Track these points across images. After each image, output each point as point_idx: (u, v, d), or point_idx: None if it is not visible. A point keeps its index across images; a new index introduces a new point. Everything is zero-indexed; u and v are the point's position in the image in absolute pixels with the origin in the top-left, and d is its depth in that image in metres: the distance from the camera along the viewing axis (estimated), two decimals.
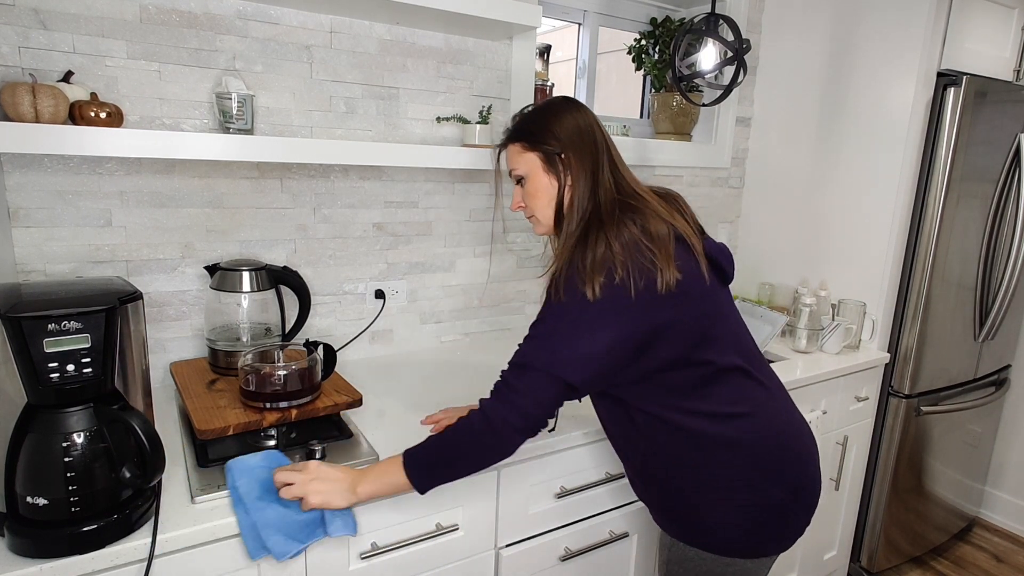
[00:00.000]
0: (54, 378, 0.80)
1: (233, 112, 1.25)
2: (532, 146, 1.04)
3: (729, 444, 0.98)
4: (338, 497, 0.94)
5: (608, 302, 0.90)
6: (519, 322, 1.87)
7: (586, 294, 0.90)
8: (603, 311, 0.91)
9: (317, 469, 0.96)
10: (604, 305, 0.90)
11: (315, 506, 0.93)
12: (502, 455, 0.97)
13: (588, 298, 0.90)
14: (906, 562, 2.24)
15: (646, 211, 0.98)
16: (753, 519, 1.00)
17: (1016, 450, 2.46)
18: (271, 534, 0.90)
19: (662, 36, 2.04)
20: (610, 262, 0.91)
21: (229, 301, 1.34)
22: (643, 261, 0.92)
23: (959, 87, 1.76)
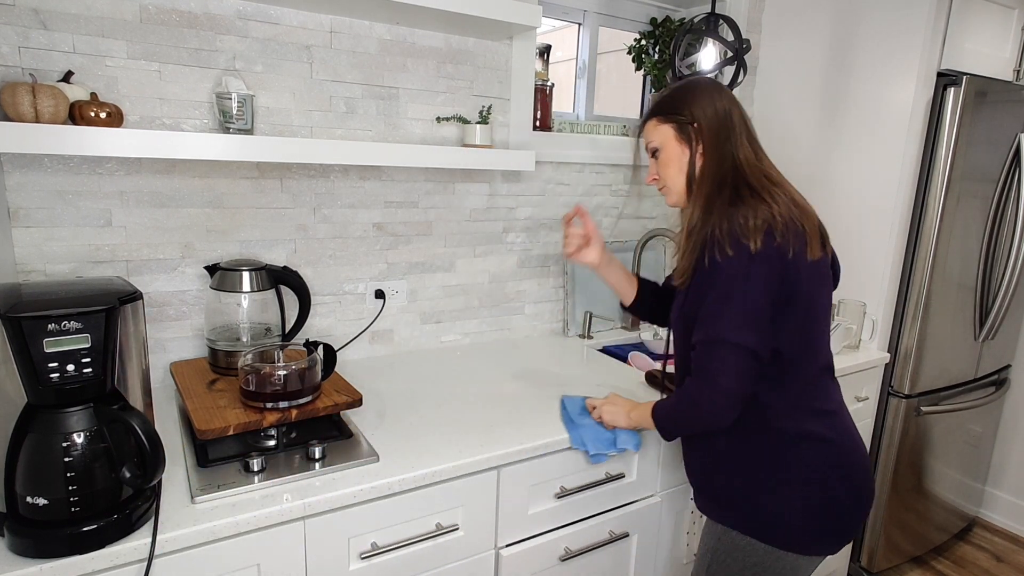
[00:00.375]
0: (54, 378, 0.80)
1: (233, 112, 1.25)
2: (665, 118, 1.09)
3: (820, 440, 1.03)
4: (619, 417, 1.21)
5: (768, 259, 0.95)
6: (519, 322, 1.88)
7: (750, 247, 0.95)
8: (769, 267, 0.96)
9: (613, 398, 1.25)
10: (766, 261, 0.95)
11: (606, 423, 1.22)
12: (719, 427, 1.03)
13: (751, 252, 0.95)
14: (906, 562, 2.24)
15: (790, 190, 1.05)
16: (817, 517, 1.04)
17: (1016, 450, 2.45)
18: (588, 442, 1.22)
19: (662, 36, 2.04)
20: (770, 222, 0.96)
21: (229, 301, 1.34)
22: (797, 228, 0.98)
23: (959, 87, 1.76)
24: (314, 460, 1.06)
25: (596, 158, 1.90)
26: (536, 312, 1.90)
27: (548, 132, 1.83)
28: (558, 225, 1.89)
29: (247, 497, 0.96)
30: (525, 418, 1.28)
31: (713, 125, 1.05)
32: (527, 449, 1.17)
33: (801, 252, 0.98)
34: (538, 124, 1.81)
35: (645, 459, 1.39)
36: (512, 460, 1.17)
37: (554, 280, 1.92)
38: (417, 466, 1.07)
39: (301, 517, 0.98)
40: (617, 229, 2.03)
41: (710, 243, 0.98)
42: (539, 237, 1.86)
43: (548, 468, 1.24)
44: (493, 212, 1.76)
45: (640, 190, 2.04)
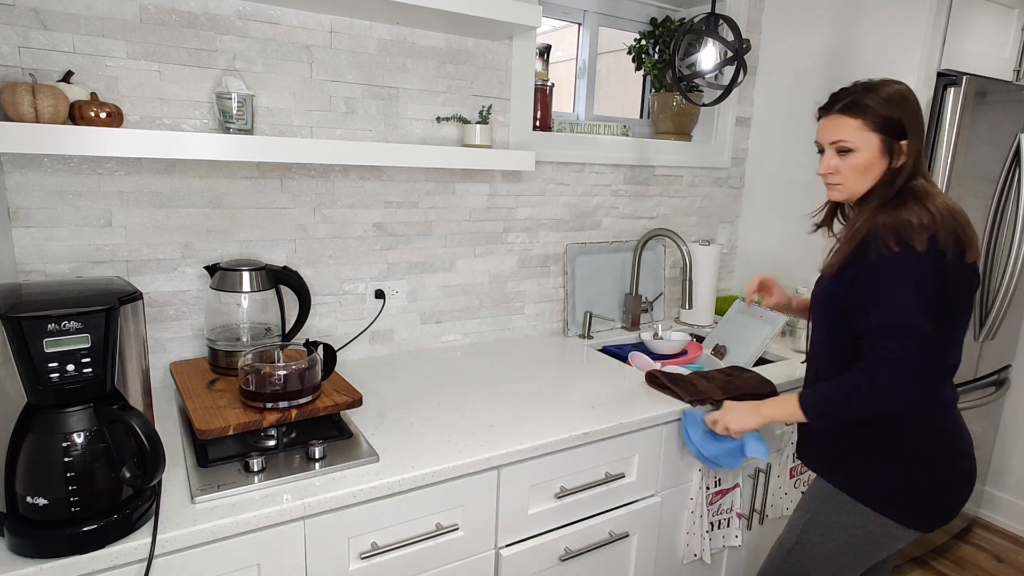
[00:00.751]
0: (54, 378, 0.80)
1: (233, 112, 1.25)
2: (875, 127, 1.11)
3: (936, 429, 1.12)
4: (749, 418, 1.23)
5: (932, 258, 1.02)
6: (519, 322, 1.88)
7: (915, 247, 1.02)
8: (932, 265, 1.03)
9: (729, 405, 1.28)
10: (930, 259, 1.02)
11: (735, 430, 1.24)
12: (899, 408, 1.07)
13: (919, 250, 1.02)
14: (907, 562, 2.24)
15: (944, 198, 1.10)
16: (921, 495, 1.13)
17: (1016, 450, 2.45)
18: (719, 461, 1.30)
19: (662, 36, 2.04)
20: (933, 225, 1.03)
21: (229, 301, 1.34)
22: (956, 230, 1.05)
23: (959, 87, 1.76)
24: (314, 460, 1.06)
25: (596, 158, 1.90)
26: (536, 312, 1.90)
27: (548, 132, 1.83)
28: (558, 225, 1.89)
29: (247, 497, 0.96)
30: (525, 418, 1.28)
31: (913, 144, 1.11)
32: (527, 449, 1.17)
33: (957, 255, 1.05)
34: (538, 124, 1.81)
35: (645, 459, 1.39)
36: (512, 460, 1.17)
37: (554, 280, 1.92)
38: (417, 466, 1.07)
39: (301, 517, 0.98)
40: (617, 229, 2.03)
41: (875, 240, 1.06)
42: (539, 237, 1.86)
43: (548, 468, 1.24)
44: (493, 212, 1.76)
45: (640, 190, 2.04)
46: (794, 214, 2.13)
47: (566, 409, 1.34)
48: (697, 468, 1.47)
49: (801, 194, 2.10)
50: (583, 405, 1.36)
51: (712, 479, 1.49)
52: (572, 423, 1.27)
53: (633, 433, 1.34)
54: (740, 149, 2.24)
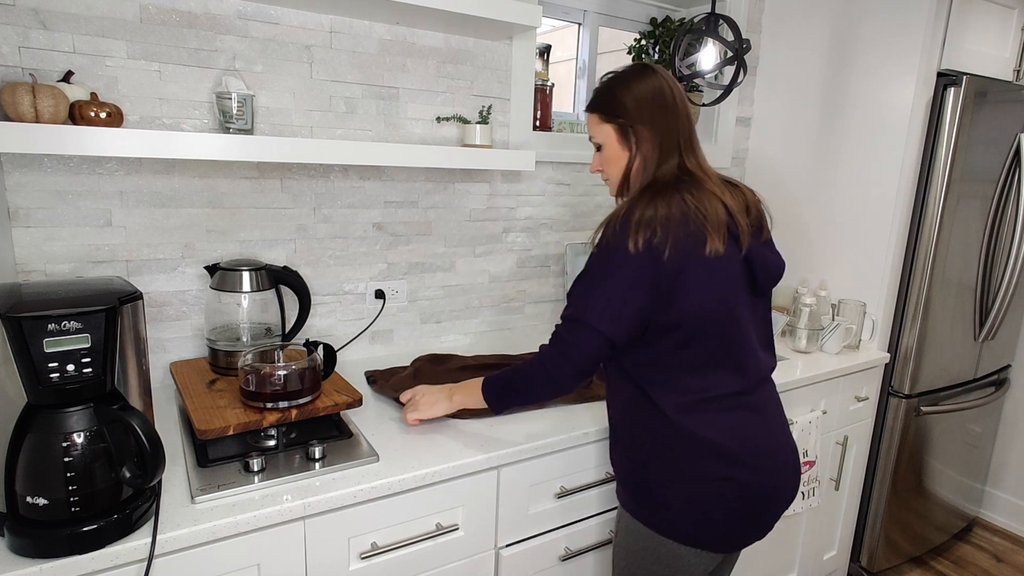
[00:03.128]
0: (54, 378, 0.80)
1: (233, 112, 1.25)
2: (608, 118, 1.09)
3: (711, 444, 1.02)
4: (440, 404, 1.19)
5: (645, 259, 0.97)
6: (519, 322, 1.88)
7: (628, 247, 0.97)
8: (640, 267, 0.97)
9: (423, 389, 1.22)
10: (642, 261, 0.97)
11: (424, 417, 1.19)
12: (561, 395, 1.08)
13: (630, 251, 0.97)
14: (906, 562, 2.24)
15: (704, 189, 1.03)
16: (700, 514, 1.03)
17: (1016, 450, 2.46)
18: None
19: (662, 36, 2.04)
20: (655, 223, 0.97)
21: (229, 301, 1.34)
22: (690, 228, 0.98)
23: (959, 87, 1.76)
24: (314, 460, 1.06)
25: None
26: (536, 312, 1.90)
27: (548, 132, 1.83)
28: (558, 225, 1.89)
29: (247, 497, 0.96)
30: (525, 418, 1.28)
31: (651, 126, 1.05)
32: (527, 449, 1.17)
33: (688, 250, 0.97)
34: (538, 124, 1.81)
35: None
36: (512, 460, 1.17)
37: (554, 280, 1.92)
38: (417, 466, 1.07)
39: (301, 517, 0.98)
40: None
41: (602, 230, 1.02)
42: (539, 237, 1.86)
43: (548, 468, 1.24)
44: (493, 212, 1.76)
45: None
46: (794, 214, 2.13)
47: (566, 409, 1.34)
48: None
49: (801, 194, 2.10)
50: (583, 405, 1.36)
51: None
52: (572, 423, 1.27)
53: None
54: (740, 149, 2.24)
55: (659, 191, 1.02)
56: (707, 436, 1.02)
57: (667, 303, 0.98)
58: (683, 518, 1.04)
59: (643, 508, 1.08)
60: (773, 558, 1.78)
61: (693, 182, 1.04)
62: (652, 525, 1.07)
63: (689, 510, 1.04)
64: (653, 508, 1.06)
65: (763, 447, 1.05)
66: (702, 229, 0.99)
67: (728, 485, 1.02)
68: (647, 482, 1.07)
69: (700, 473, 1.02)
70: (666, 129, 1.05)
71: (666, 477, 1.05)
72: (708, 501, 1.03)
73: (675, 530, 1.05)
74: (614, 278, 0.98)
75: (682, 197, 1.00)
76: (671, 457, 1.04)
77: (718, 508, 1.03)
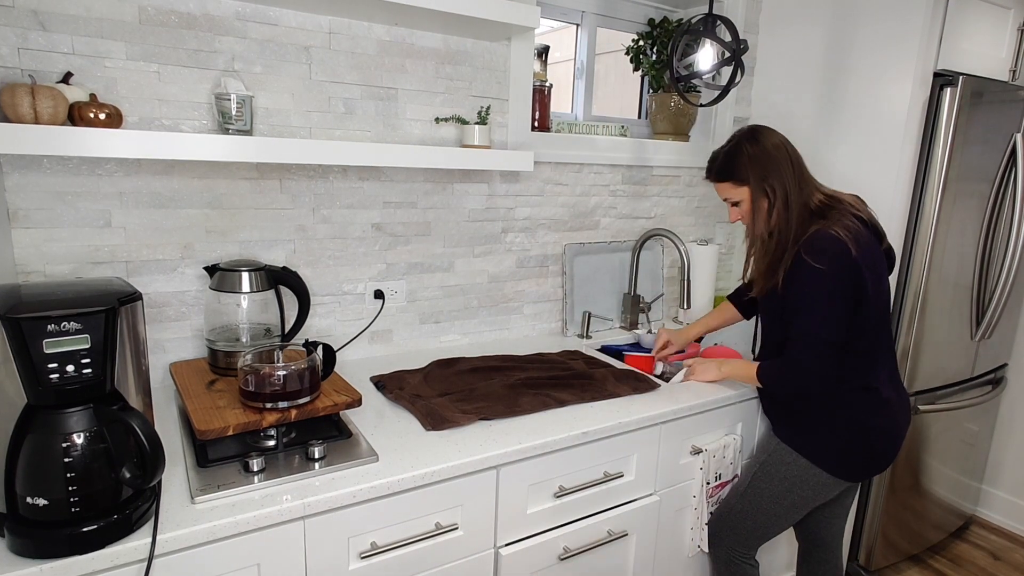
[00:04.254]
0: (54, 379, 0.80)
1: (232, 113, 1.25)
2: (741, 183, 1.36)
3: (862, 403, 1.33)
4: (711, 371, 1.51)
5: (847, 271, 1.24)
6: (518, 322, 1.88)
7: (828, 264, 1.24)
8: (842, 278, 1.25)
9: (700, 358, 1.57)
10: (844, 273, 1.24)
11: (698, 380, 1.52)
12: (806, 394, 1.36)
13: (828, 268, 1.24)
14: (904, 560, 2.24)
15: (845, 208, 1.33)
16: (849, 453, 1.35)
17: (1013, 448, 2.46)
18: None
19: (660, 37, 2.04)
20: (845, 241, 1.24)
21: (228, 301, 1.34)
22: (863, 241, 1.27)
23: (955, 87, 1.76)
24: (314, 460, 1.06)
25: (594, 158, 1.90)
26: (535, 312, 1.91)
27: (546, 132, 1.84)
28: (556, 225, 1.89)
29: (247, 497, 0.96)
30: (524, 417, 1.29)
31: (777, 176, 1.32)
32: (526, 449, 1.18)
33: (864, 255, 1.26)
34: (536, 124, 1.82)
35: (644, 458, 1.39)
36: (511, 460, 1.17)
37: (552, 280, 1.92)
38: (416, 466, 1.08)
39: (301, 517, 0.98)
40: (615, 229, 2.03)
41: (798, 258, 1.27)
42: (538, 237, 1.86)
43: (547, 467, 1.24)
44: (492, 212, 1.76)
45: (638, 190, 2.05)
46: None
47: (565, 408, 1.34)
48: (699, 467, 1.47)
49: None
50: (583, 405, 1.37)
51: (713, 474, 1.50)
52: (571, 422, 1.27)
53: (632, 432, 1.34)
54: None
55: (826, 216, 1.31)
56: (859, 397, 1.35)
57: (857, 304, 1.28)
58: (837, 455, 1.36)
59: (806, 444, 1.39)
60: (772, 557, 1.78)
61: (836, 204, 1.33)
62: (811, 458, 1.38)
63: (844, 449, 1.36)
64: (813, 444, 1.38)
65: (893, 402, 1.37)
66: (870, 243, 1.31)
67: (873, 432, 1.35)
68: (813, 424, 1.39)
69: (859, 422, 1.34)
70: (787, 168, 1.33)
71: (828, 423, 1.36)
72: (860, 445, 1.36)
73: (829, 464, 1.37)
74: (831, 291, 1.25)
75: (847, 217, 1.31)
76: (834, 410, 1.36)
77: (867, 451, 1.37)
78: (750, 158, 1.34)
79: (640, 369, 1.63)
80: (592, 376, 1.49)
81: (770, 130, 1.37)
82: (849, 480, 1.39)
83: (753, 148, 1.34)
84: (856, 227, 1.28)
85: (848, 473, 1.38)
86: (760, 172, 1.33)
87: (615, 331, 2.00)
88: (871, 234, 1.33)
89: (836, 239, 1.24)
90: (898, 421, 1.37)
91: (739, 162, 1.35)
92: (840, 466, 1.37)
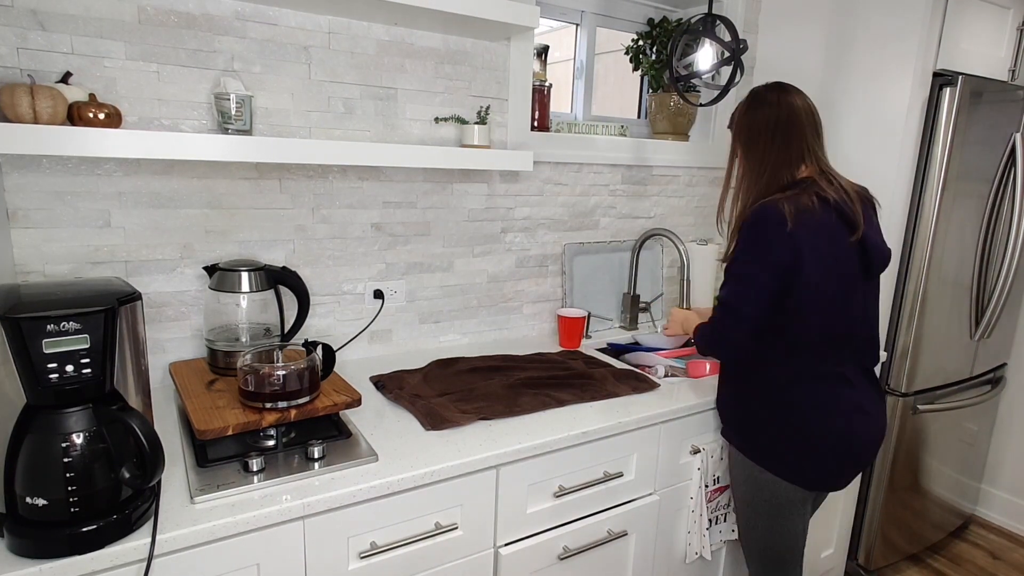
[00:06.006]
0: (53, 379, 0.80)
1: (232, 113, 1.25)
2: (733, 139, 1.36)
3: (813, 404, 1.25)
4: (674, 325, 1.57)
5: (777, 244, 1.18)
6: (518, 322, 1.88)
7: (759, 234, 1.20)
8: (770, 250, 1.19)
9: (674, 310, 1.60)
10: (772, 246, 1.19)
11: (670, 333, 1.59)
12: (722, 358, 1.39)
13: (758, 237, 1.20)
14: (903, 560, 2.25)
15: (812, 186, 1.24)
16: (795, 452, 1.27)
17: (1012, 448, 2.47)
18: None
19: (659, 36, 2.04)
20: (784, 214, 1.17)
21: (228, 301, 1.34)
22: (811, 220, 1.19)
23: (955, 87, 1.76)
24: (313, 460, 1.06)
25: (594, 158, 1.90)
26: (535, 312, 1.91)
27: (546, 132, 1.84)
28: (556, 225, 1.89)
29: (246, 497, 0.96)
30: (524, 417, 1.29)
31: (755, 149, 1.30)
32: (525, 448, 1.18)
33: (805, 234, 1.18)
34: (536, 124, 1.82)
35: (644, 458, 1.39)
36: (511, 459, 1.17)
37: (552, 280, 1.92)
38: (416, 465, 1.08)
39: (300, 517, 0.98)
40: (615, 229, 2.03)
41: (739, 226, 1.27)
42: (537, 237, 1.86)
43: (547, 467, 1.24)
44: (491, 212, 1.76)
45: (638, 190, 2.05)
46: None
47: (564, 408, 1.34)
48: (696, 467, 1.47)
49: None
50: (581, 404, 1.37)
51: (711, 477, 1.50)
52: (570, 422, 1.27)
53: (631, 432, 1.34)
54: None
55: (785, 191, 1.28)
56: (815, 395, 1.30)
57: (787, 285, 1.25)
58: (787, 457, 1.30)
59: (752, 448, 1.36)
60: None
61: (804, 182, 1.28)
62: (760, 462, 1.34)
63: (791, 451, 1.30)
64: (762, 448, 1.35)
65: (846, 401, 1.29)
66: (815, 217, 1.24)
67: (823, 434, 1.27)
68: (758, 428, 1.35)
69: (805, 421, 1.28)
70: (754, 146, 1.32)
71: (777, 424, 1.31)
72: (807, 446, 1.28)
73: (781, 467, 1.32)
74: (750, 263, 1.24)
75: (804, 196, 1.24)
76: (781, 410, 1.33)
77: (816, 453, 1.28)
78: (740, 120, 1.34)
79: (641, 368, 1.63)
80: (592, 376, 1.50)
81: (776, 96, 1.29)
82: (806, 486, 1.29)
83: (749, 110, 1.32)
84: (811, 206, 1.19)
85: (802, 478, 1.28)
86: (744, 136, 1.32)
87: (615, 331, 2.00)
88: (837, 220, 1.22)
89: (775, 211, 1.18)
90: (852, 427, 1.25)
91: (735, 119, 1.36)
92: (792, 469, 1.28)
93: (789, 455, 1.28)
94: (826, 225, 1.20)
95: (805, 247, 1.17)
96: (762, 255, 1.19)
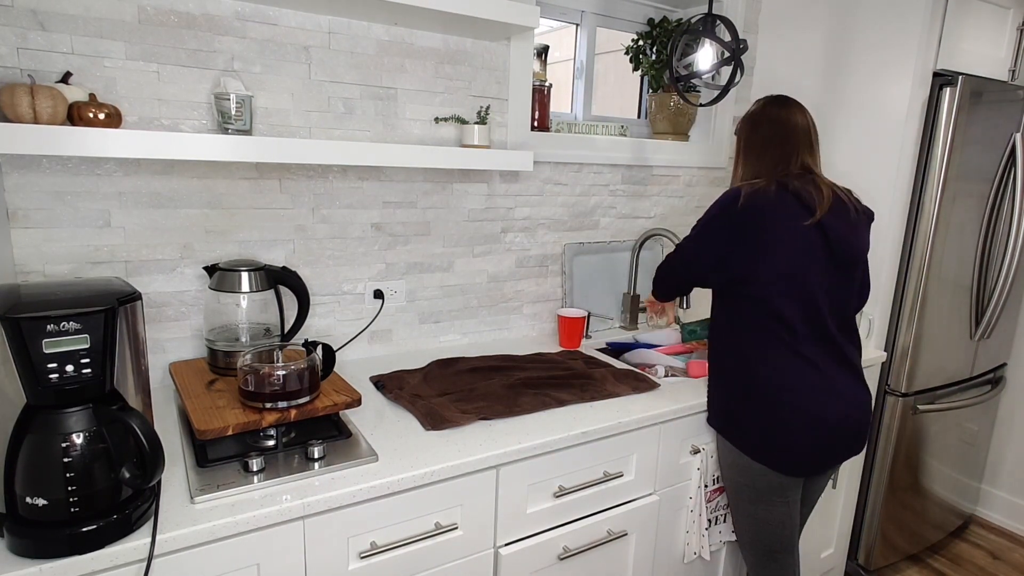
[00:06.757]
0: (53, 379, 0.80)
1: (232, 113, 1.25)
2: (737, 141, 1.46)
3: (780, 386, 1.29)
4: None
5: (726, 215, 1.30)
6: (518, 322, 1.88)
7: (715, 207, 1.34)
8: (719, 217, 1.32)
9: None
10: (722, 214, 1.31)
11: None
12: None
13: (713, 209, 1.34)
14: (903, 560, 2.25)
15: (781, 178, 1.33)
16: (766, 434, 1.31)
17: (1012, 448, 2.47)
18: None
19: (659, 36, 2.04)
20: (739, 189, 1.30)
21: (228, 301, 1.34)
22: (765, 200, 1.27)
23: (955, 87, 1.76)
24: (313, 460, 1.06)
25: (594, 158, 1.90)
26: (535, 312, 1.91)
27: (546, 132, 1.84)
28: (556, 225, 1.89)
29: (246, 497, 0.96)
30: (524, 417, 1.29)
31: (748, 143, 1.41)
32: (525, 448, 1.18)
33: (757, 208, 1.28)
34: (536, 124, 1.82)
35: (643, 458, 1.39)
36: (511, 459, 1.17)
37: (552, 280, 1.92)
38: (416, 465, 1.08)
39: (300, 517, 0.98)
40: (615, 229, 2.03)
41: None
42: (537, 237, 1.86)
43: (546, 467, 1.24)
44: (491, 212, 1.76)
45: (638, 190, 2.05)
46: None
47: (564, 408, 1.34)
48: (696, 467, 1.47)
49: None
50: (581, 404, 1.37)
51: (710, 477, 1.50)
52: (570, 422, 1.27)
53: (631, 432, 1.34)
54: None
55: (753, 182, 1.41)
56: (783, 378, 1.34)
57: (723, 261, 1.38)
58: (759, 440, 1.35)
59: (730, 430, 1.41)
60: None
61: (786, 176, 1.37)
62: (738, 445, 1.39)
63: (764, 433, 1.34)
64: (737, 430, 1.40)
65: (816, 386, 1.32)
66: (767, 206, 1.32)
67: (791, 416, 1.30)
68: (734, 410, 1.39)
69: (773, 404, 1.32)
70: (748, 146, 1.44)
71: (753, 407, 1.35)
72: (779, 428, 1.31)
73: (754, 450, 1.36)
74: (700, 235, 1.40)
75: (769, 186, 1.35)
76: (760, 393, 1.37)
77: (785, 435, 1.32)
78: (742, 128, 1.44)
79: (641, 368, 1.63)
80: (592, 376, 1.50)
81: (778, 108, 1.39)
82: (778, 469, 1.32)
83: (751, 123, 1.42)
84: (767, 189, 1.29)
85: (774, 460, 1.31)
86: (743, 146, 1.43)
87: (615, 331, 2.00)
88: (793, 201, 1.27)
89: (734, 190, 1.32)
90: (820, 408, 1.27)
91: (740, 125, 1.47)
92: (764, 451, 1.31)
93: (759, 434, 1.32)
94: (780, 203, 1.28)
95: (753, 225, 1.27)
96: (711, 219, 1.33)
